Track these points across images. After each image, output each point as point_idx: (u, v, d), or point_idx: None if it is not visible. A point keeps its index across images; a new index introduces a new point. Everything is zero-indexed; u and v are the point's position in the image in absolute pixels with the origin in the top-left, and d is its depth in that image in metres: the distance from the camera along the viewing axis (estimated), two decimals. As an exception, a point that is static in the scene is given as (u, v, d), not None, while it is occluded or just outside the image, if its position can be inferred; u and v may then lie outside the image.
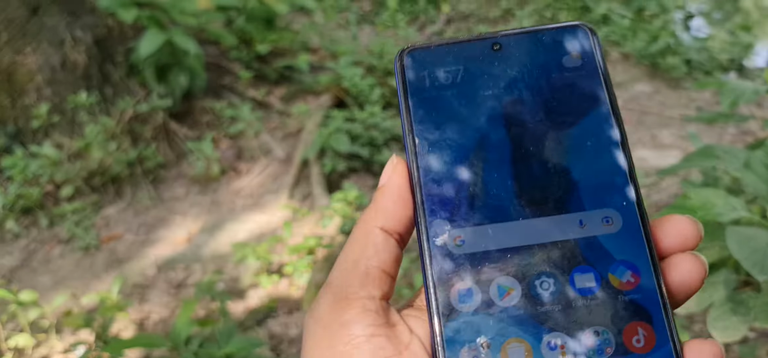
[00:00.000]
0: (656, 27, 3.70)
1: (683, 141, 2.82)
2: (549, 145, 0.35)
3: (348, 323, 0.30)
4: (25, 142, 2.83)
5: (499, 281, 0.32)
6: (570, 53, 0.37)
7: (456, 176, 0.34)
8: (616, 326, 0.31)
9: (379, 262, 0.32)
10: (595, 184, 0.34)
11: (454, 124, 0.35)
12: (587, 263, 0.32)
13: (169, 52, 2.75)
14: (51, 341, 1.95)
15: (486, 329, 0.31)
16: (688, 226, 0.32)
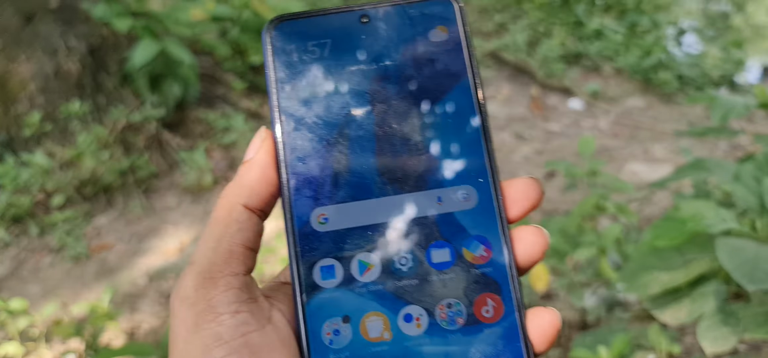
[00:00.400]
0: (649, 42, 3.72)
1: (675, 155, 2.83)
2: (412, 121, 0.35)
3: (213, 302, 0.31)
4: (17, 150, 2.82)
5: (360, 257, 0.33)
6: (436, 27, 0.37)
7: (321, 154, 0.34)
8: (468, 298, 0.33)
9: (242, 239, 0.33)
10: (454, 161, 0.35)
11: (320, 100, 0.35)
12: (443, 239, 0.34)
13: (162, 62, 2.75)
14: (40, 350, 1.94)
15: (347, 304, 0.33)
16: (529, 185, 0.34)
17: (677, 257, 1.08)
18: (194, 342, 0.30)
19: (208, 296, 0.31)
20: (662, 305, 1.13)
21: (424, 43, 0.36)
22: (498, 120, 3.29)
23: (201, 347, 0.30)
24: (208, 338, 0.30)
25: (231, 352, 0.30)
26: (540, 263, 1.54)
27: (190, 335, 0.31)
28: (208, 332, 0.30)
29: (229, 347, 0.30)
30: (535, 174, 2.72)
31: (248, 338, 0.31)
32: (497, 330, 0.33)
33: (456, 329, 0.33)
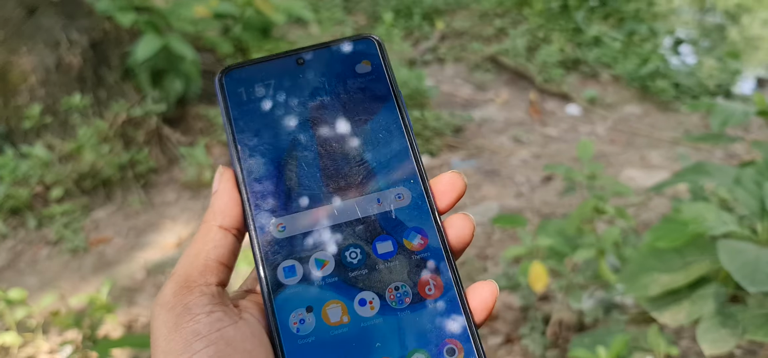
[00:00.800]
0: (647, 50, 3.75)
1: (672, 162, 2.85)
2: (348, 140, 0.41)
3: (189, 304, 0.35)
4: (16, 142, 2.82)
5: (316, 255, 0.39)
6: (361, 62, 0.43)
7: (274, 174, 0.40)
8: (412, 280, 0.38)
9: (217, 255, 0.38)
10: (388, 168, 0.41)
11: (269, 131, 0.41)
12: (386, 233, 0.39)
13: (164, 57, 2.75)
14: (37, 341, 1.94)
15: (308, 296, 0.38)
16: (454, 178, 0.40)
17: (677, 259, 1.09)
18: (175, 340, 0.34)
19: (185, 301, 0.35)
20: (662, 307, 1.14)
21: (352, 75, 0.43)
22: (496, 123, 3.30)
23: (182, 343, 0.34)
24: (187, 334, 0.34)
25: (209, 344, 0.34)
26: (539, 263, 1.54)
27: (171, 333, 0.34)
28: (187, 330, 0.34)
29: (207, 340, 0.34)
30: (533, 177, 2.74)
31: (223, 332, 0.35)
32: (440, 305, 0.38)
33: (405, 308, 0.38)
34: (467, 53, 3.97)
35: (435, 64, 3.95)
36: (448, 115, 3.26)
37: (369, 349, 0.37)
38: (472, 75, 3.81)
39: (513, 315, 1.90)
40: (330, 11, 4.07)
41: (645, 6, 4.21)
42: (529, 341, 1.75)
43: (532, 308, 1.87)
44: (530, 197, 2.61)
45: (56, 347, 1.96)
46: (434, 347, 0.37)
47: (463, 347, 0.37)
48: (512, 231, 2.32)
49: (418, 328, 0.37)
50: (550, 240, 1.60)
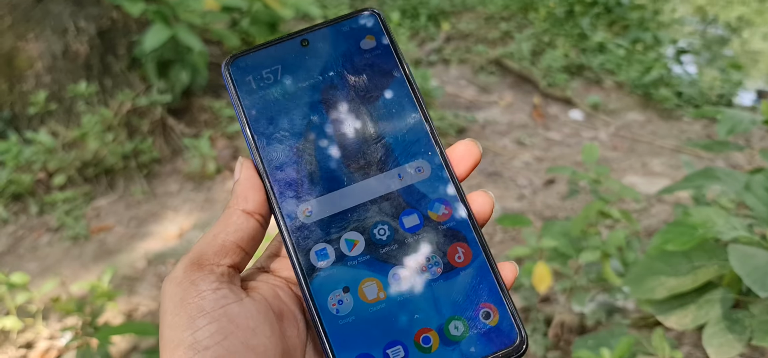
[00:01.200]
0: (650, 58, 3.76)
1: (673, 170, 2.86)
2: (363, 118, 0.41)
3: (197, 281, 0.36)
4: (20, 128, 2.82)
5: (346, 236, 0.39)
6: (365, 37, 0.43)
7: (294, 160, 0.40)
8: (441, 249, 0.39)
9: (236, 238, 0.38)
10: (405, 142, 0.41)
11: (283, 116, 0.41)
12: (410, 206, 0.40)
13: (172, 48, 2.75)
14: (37, 327, 1.94)
15: (344, 277, 0.38)
16: (470, 146, 0.41)
17: (685, 263, 1.10)
18: (180, 314, 0.34)
19: (192, 278, 0.36)
20: (667, 310, 1.15)
21: (358, 51, 0.43)
22: (500, 126, 3.31)
23: (186, 318, 0.34)
24: (192, 310, 0.34)
25: (212, 321, 0.34)
26: (544, 264, 1.55)
27: (176, 308, 0.35)
28: (192, 305, 0.35)
29: (211, 317, 0.34)
30: (536, 180, 2.75)
31: (227, 309, 0.35)
32: (471, 271, 0.39)
33: (437, 277, 0.38)
34: (472, 55, 3.98)
35: (440, 64, 3.96)
36: (452, 116, 3.27)
37: (408, 321, 0.37)
38: (476, 77, 3.81)
39: (514, 316, 1.90)
40: (337, 8, 4.07)
41: (650, 14, 4.22)
42: (531, 342, 1.76)
43: (533, 309, 1.87)
44: (532, 199, 2.62)
45: (56, 333, 1.96)
46: (470, 312, 0.38)
47: (497, 310, 0.38)
48: (514, 233, 2.32)
49: (453, 296, 0.38)
50: (554, 242, 1.60)
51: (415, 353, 0.37)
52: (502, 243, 2.29)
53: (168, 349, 0.34)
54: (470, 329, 0.37)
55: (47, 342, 1.93)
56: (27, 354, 1.89)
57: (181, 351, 0.33)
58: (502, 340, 0.37)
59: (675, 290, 1.11)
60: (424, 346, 0.37)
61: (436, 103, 3.34)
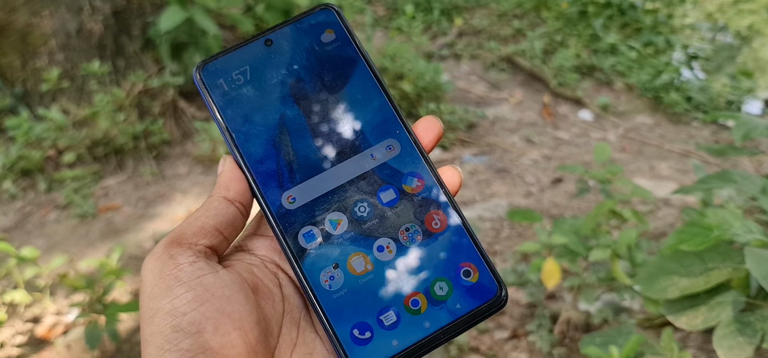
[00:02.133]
0: (662, 62, 3.75)
1: (681, 174, 2.86)
2: (331, 106, 0.44)
3: (175, 255, 0.38)
4: (32, 104, 2.82)
5: (329, 217, 0.42)
6: (324, 31, 0.46)
7: (272, 152, 0.43)
8: (418, 218, 0.42)
9: (215, 222, 0.40)
10: (373, 124, 0.44)
11: (256, 112, 0.44)
12: (386, 183, 0.43)
13: (186, 30, 2.76)
14: (45, 302, 1.95)
15: (332, 254, 0.41)
16: (431, 120, 0.44)
17: (698, 264, 1.10)
18: (159, 285, 0.37)
19: (171, 252, 0.38)
20: (678, 310, 1.15)
21: (319, 44, 0.46)
22: (509, 123, 3.31)
23: (164, 288, 0.36)
24: (170, 280, 0.37)
25: (189, 289, 0.36)
26: (553, 261, 1.55)
27: (155, 279, 0.37)
28: (170, 276, 0.37)
29: (188, 286, 0.36)
30: (543, 178, 2.75)
31: (203, 279, 0.37)
32: (448, 235, 0.42)
33: (418, 244, 0.41)
34: (484, 51, 3.97)
35: (451, 59, 3.96)
36: (462, 111, 3.27)
37: (396, 288, 0.40)
38: (487, 73, 3.81)
39: (519, 311, 1.91)
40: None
41: (664, 18, 4.21)
42: (536, 338, 1.76)
43: (539, 305, 1.88)
44: (539, 197, 2.62)
45: (63, 309, 1.97)
46: (452, 272, 0.41)
47: (476, 268, 0.41)
48: (521, 229, 2.33)
49: (434, 259, 0.41)
50: (564, 238, 1.60)
51: (405, 316, 0.40)
52: (508, 239, 2.29)
53: (147, 317, 0.36)
54: (454, 287, 0.40)
55: (54, 317, 1.94)
56: (34, 328, 1.90)
57: (160, 317, 0.35)
58: (484, 294, 0.40)
59: (687, 290, 1.11)
60: (414, 308, 0.40)
61: (447, 98, 3.34)
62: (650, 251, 1.90)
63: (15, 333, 1.87)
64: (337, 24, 0.46)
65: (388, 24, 4.24)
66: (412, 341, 0.39)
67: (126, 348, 1.84)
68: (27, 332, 1.88)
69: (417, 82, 3.15)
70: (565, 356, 1.72)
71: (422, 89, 3.18)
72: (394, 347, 0.39)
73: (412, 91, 3.12)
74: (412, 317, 0.39)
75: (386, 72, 3.17)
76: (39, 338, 1.87)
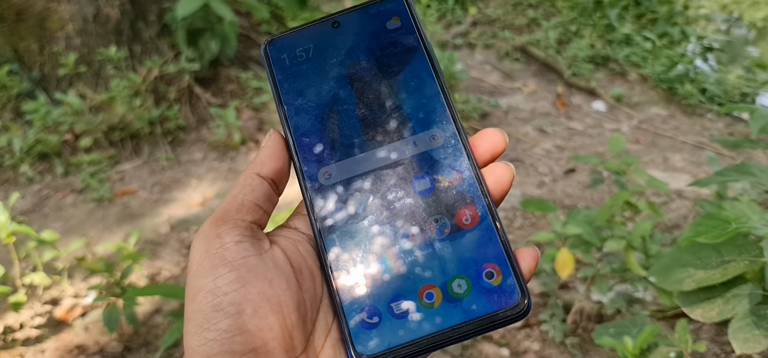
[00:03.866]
0: (677, 53, 3.73)
1: (694, 167, 2.85)
2: (384, 91, 0.45)
3: (221, 234, 0.39)
4: (49, 89, 2.85)
5: (361, 197, 0.42)
6: (391, 18, 0.47)
7: (318, 128, 0.44)
8: (450, 212, 0.41)
9: (253, 197, 0.41)
10: (421, 113, 0.44)
11: (311, 90, 0.45)
12: (422, 172, 0.42)
13: (203, 16, 2.77)
14: (63, 285, 1.98)
15: (355, 234, 0.41)
16: (496, 134, 0.43)
17: (715, 256, 1.11)
18: (204, 264, 0.37)
19: (217, 231, 0.39)
20: (693, 302, 1.16)
21: (384, 31, 0.46)
22: (522, 113, 3.31)
23: (209, 267, 0.37)
24: (215, 260, 0.37)
25: (232, 269, 0.37)
26: (567, 251, 1.56)
27: (201, 258, 0.38)
28: (215, 256, 0.38)
29: (231, 267, 0.37)
30: (556, 169, 2.75)
31: (247, 261, 0.38)
32: (477, 233, 0.41)
33: (444, 238, 0.41)
34: (498, 41, 3.97)
35: (465, 48, 3.95)
36: (475, 100, 3.27)
37: (413, 278, 0.40)
38: (501, 63, 3.81)
39: (533, 300, 1.92)
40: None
41: (680, 8, 4.18)
42: (549, 327, 1.77)
43: (552, 295, 1.89)
44: (552, 187, 2.62)
45: (81, 292, 1.99)
46: (473, 271, 0.40)
47: (501, 270, 0.40)
48: (534, 219, 2.33)
49: (458, 255, 0.40)
50: (579, 229, 1.61)
51: (417, 308, 0.39)
52: (521, 229, 2.30)
53: (190, 295, 0.37)
54: (473, 287, 0.39)
55: (72, 300, 1.97)
56: (52, 310, 1.92)
57: (202, 295, 0.36)
58: (504, 300, 0.39)
59: (703, 282, 1.12)
60: (427, 301, 0.39)
61: (461, 87, 3.34)
62: (664, 243, 1.90)
63: (34, 315, 1.90)
64: (405, 13, 0.47)
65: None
66: (419, 334, 0.38)
67: (143, 331, 1.86)
68: (46, 313, 1.91)
69: (431, 70, 3.15)
70: (577, 345, 1.73)
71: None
72: (399, 337, 0.38)
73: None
74: (423, 310, 0.39)
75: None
76: (58, 319, 1.90)
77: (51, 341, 1.81)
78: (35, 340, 1.82)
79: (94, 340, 1.82)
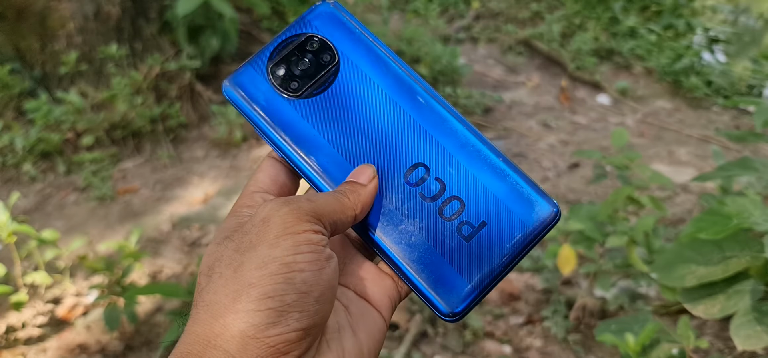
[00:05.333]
0: (682, 46, 3.70)
1: (700, 160, 2.83)
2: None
3: (305, 224, 0.38)
4: (51, 87, 2.85)
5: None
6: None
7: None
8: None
9: (338, 217, 0.41)
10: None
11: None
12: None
13: (203, 13, 2.76)
14: (65, 283, 1.98)
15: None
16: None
17: (717, 252, 1.09)
18: (285, 238, 0.37)
19: (312, 222, 0.39)
20: (695, 299, 1.14)
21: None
22: (526, 107, 3.29)
23: (291, 244, 0.37)
24: (299, 238, 0.38)
25: (313, 252, 0.37)
26: (569, 247, 1.54)
27: (280, 232, 0.38)
28: (298, 236, 0.38)
29: (313, 248, 0.38)
30: (560, 163, 2.73)
31: (325, 251, 0.39)
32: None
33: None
34: (501, 35, 3.95)
35: (468, 43, 3.93)
36: (478, 95, 3.25)
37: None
38: (504, 57, 3.79)
39: (535, 297, 1.91)
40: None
41: (684, 0, 4.15)
42: (552, 324, 1.76)
43: (554, 291, 1.87)
44: (556, 182, 2.61)
45: (83, 291, 1.99)
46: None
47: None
48: (538, 215, 2.32)
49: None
50: (581, 225, 1.60)
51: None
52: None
53: (260, 261, 0.37)
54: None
55: (74, 299, 1.97)
56: (54, 309, 1.92)
57: (275, 266, 0.36)
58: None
59: (705, 278, 1.11)
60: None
61: (463, 81, 3.33)
62: (668, 238, 1.89)
63: (36, 314, 1.90)
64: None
65: (404, 7, 4.22)
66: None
67: (145, 329, 1.86)
68: (48, 312, 1.91)
69: (433, 65, 3.14)
70: (580, 342, 1.72)
71: (439, 73, 3.17)
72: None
73: (428, 75, 3.11)
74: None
75: (403, 55, 3.16)
76: (59, 318, 1.90)
77: (53, 341, 1.81)
78: (37, 339, 1.82)
79: (95, 339, 1.82)
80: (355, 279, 0.44)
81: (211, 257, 0.39)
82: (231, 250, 0.38)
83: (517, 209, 0.43)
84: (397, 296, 0.44)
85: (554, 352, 1.71)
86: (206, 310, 0.36)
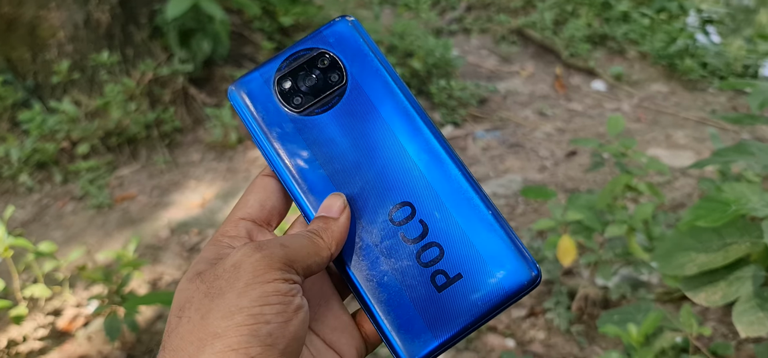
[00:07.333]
0: (675, 28, 3.69)
1: (697, 143, 2.83)
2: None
3: (276, 271, 0.38)
4: (44, 97, 2.84)
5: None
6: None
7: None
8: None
9: (310, 261, 0.41)
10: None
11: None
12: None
13: (193, 16, 2.75)
14: (64, 295, 1.97)
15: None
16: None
17: (716, 239, 1.09)
18: (253, 287, 0.37)
19: (284, 268, 0.39)
20: (696, 287, 1.14)
21: None
22: (521, 96, 3.28)
23: (260, 293, 0.37)
24: (269, 289, 0.37)
25: (280, 303, 0.37)
26: (569, 237, 1.53)
27: (250, 280, 0.38)
28: (270, 286, 0.37)
29: (282, 304, 0.37)
30: (557, 152, 2.72)
31: (294, 300, 0.38)
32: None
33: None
34: (493, 25, 3.93)
35: (461, 34, 3.92)
36: (473, 86, 3.24)
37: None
38: (497, 47, 3.78)
39: (537, 289, 1.90)
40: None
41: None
42: (554, 315, 1.76)
43: (556, 282, 1.87)
44: (554, 171, 2.60)
45: (83, 301, 1.98)
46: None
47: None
48: (536, 205, 2.31)
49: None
50: (580, 214, 1.59)
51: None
52: (524, 215, 2.28)
53: (228, 309, 0.36)
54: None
55: (74, 310, 1.96)
56: (55, 321, 1.92)
57: (242, 317, 0.36)
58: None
59: (705, 266, 1.10)
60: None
61: (457, 73, 3.32)
62: (668, 224, 1.88)
63: (37, 326, 1.89)
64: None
65: (395, 1, 4.20)
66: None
67: (146, 338, 1.85)
68: (48, 325, 1.90)
69: (427, 59, 3.13)
70: (583, 333, 1.72)
71: (432, 66, 3.15)
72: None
73: (422, 69, 3.10)
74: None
75: (395, 50, 3.15)
76: (60, 330, 1.89)
77: (54, 353, 1.80)
78: (39, 352, 1.81)
79: (97, 349, 1.82)
80: (325, 328, 0.43)
81: (183, 296, 0.38)
82: (201, 293, 0.38)
83: (495, 268, 0.41)
84: (364, 351, 0.44)
85: (557, 344, 1.71)
86: (172, 356, 0.36)
